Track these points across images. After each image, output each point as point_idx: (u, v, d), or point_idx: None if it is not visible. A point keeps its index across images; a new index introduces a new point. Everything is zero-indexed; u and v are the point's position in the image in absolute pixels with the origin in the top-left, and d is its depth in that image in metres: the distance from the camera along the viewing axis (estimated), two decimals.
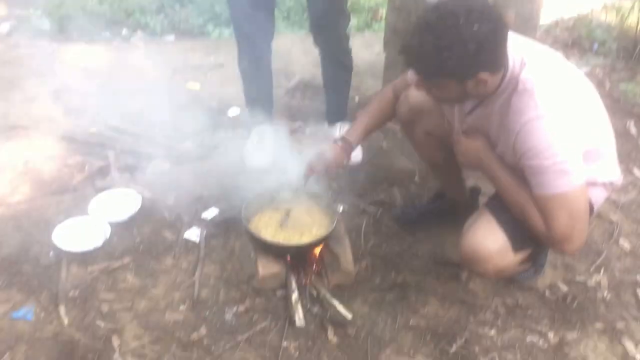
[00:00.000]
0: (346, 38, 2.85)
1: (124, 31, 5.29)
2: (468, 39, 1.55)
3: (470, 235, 1.92)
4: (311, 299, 2.16)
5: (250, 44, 2.67)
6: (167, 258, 2.32)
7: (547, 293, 2.26)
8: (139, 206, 2.49)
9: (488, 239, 1.87)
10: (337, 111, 3.07)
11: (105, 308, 2.08)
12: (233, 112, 3.45)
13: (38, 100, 3.49)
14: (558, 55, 1.86)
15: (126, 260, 2.28)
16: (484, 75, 1.64)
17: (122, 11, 5.50)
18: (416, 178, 2.87)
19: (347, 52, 2.88)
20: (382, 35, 3.37)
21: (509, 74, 1.71)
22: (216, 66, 4.03)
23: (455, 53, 1.56)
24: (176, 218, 2.51)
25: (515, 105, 1.70)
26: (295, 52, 4.06)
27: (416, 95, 2.12)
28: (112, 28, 5.29)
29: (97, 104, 3.43)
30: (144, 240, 2.38)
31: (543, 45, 1.88)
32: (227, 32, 5.20)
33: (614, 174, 1.95)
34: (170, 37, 5.11)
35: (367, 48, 4.23)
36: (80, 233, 2.33)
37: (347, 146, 2.22)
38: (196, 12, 5.64)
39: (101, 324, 2.02)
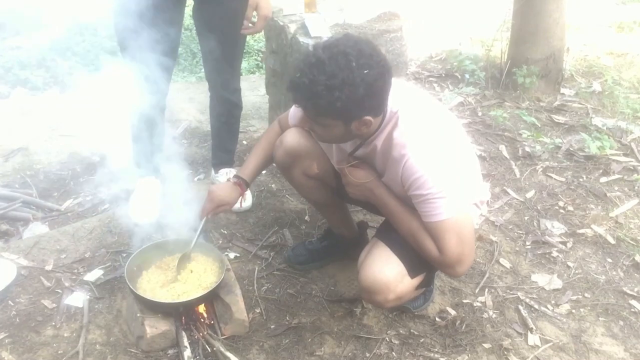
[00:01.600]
0: (238, 77, 2.85)
1: (2, 88, 5.04)
2: (359, 82, 1.60)
3: (367, 266, 1.95)
4: (205, 355, 2.09)
5: (146, 97, 2.58)
6: (47, 328, 2.17)
7: (437, 319, 2.32)
8: (13, 276, 2.33)
9: (385, 267, 1.91)
10: (224, 157, 3.04)
11: None
12: (117, 165, 3.33)
13: None
14: (424, 93, 1.99)
15: (0, 336, 2.11)
16: (368, 118, 1.71)
17: None
18: (306, 217, 2.89)
19: (237, 91, 2.88)
20: None
21: (388, 113, 1.81)
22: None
23: (345, 94, 1.61)
24: (56, 284, 2.36)
25: (397, 139, 1.78)
26: (180, 99, 4.02)
27: (291, 139, 2.15)
28: None
29: None
30: (20, 312, 2.22)
31: (409, 83, 2.00)
32: None
33: (482, 192, 2.10)
34: (54, 91, 4.91)
35: (253, 90, 4.28)
36: None
37: (240, 182, 2.20)
38: (80, 65, 5.49)
39: None
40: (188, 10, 2.67)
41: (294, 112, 2.19)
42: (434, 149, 1.77)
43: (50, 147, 3.54)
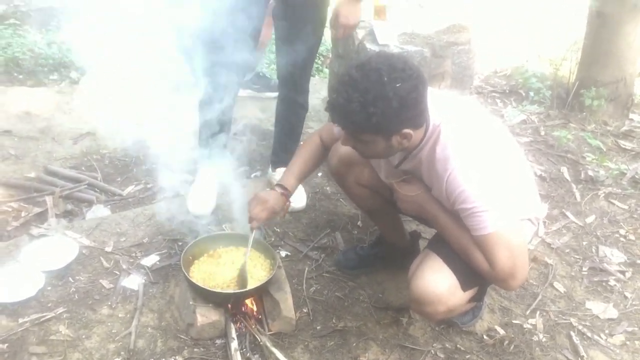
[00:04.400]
0: (308, 79, 2.89)
1: (73, 74, 5.23)
2: (392, 95, 1.62)
3: (418, 277, 1.94)
4: (251, 348, 2.13)
5: (217, 97, 2.63)
6: (103, 307, 2.25)
7: (485, 337, 2.29)
8: (75, 254, 2.43)
9: (437, 279, 1.89)
10: (283, 156, 3.07)
11: None
12: (179, 156, 3.42)
13: None
14: (476, 106, 1.97)
15: (59, 310, 2.20)
16: (408, 131, 1.71)
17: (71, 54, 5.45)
18: (359, 222, 2.90)
19: (305, 92, 2.92)
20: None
21: (431, 127, 1.81)
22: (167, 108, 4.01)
23: (379, 109, 1.64)
24: (114, 265, 2.45)
25: (439, 154, 1.79)
26: (241, 97, 4.08)
27: (345, 148, 2.16)
28: (61, 71, 5.23)
29: (36, 148, 3.37)
30: (79, 290, 2.31)
31: (463, 97, 1.98)
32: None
33: (538, 208, 2.06)
34: (122, 80, 5.05)
35: (314, 93, 4.28)
36: (11, 283, 2.24)
37: (285, 192, 2.23)
38: (150, 58, 5.62)
39: None
40: None
41: (339, 129, 2.20)
42: (477, 163, 1.76)
43: (116, 133, 3.66)
